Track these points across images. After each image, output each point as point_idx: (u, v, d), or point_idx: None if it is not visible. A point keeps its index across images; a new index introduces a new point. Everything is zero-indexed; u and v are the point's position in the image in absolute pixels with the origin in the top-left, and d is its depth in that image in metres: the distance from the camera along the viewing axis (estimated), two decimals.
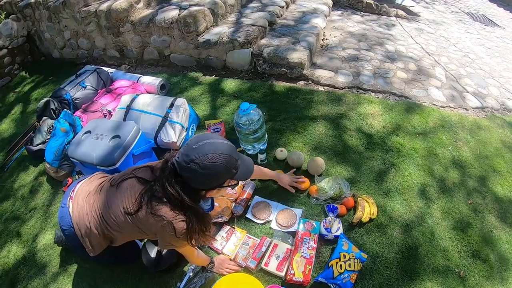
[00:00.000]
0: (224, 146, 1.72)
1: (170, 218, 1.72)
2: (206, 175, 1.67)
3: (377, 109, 3.45)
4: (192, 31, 4.26)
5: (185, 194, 1.70)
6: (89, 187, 2.09)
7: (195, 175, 1.66)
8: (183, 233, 1.75)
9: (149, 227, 1.81)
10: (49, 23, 5.54)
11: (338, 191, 2.59)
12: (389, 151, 3.02)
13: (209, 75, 4.32)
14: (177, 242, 1.83)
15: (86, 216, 1.96)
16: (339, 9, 6.26)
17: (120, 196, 1.86)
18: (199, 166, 1.63)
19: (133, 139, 2.82)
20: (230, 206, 2.62)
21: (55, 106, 3.88)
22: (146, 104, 3.31)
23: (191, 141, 1.71)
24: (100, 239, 1.98)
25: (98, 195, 1.98)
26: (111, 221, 1.88)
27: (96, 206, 1.94)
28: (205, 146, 1.67)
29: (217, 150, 1.67)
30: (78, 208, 2.00)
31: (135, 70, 4.94)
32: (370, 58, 4.39)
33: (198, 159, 1.63)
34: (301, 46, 4.07)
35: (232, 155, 1.74)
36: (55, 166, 3.29)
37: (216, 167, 1.67)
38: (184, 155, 1.66)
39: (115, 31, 4.88)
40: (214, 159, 1.65)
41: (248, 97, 3.77)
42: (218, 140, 1.74)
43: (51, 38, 5.79)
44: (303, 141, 3.15)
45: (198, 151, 1.65)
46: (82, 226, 1.96)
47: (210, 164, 1.64)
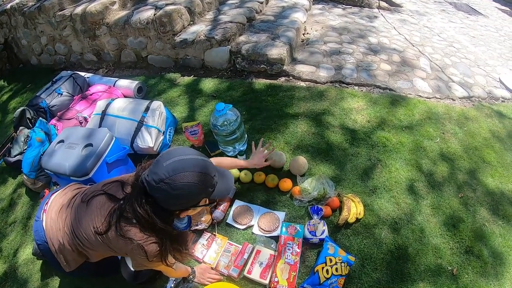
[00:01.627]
0: (198, 163, 1.56)
1: (140, 241, 1.58)
2: (178, 196, 1.50)
3: (361, 103, 3.36)
4: (168, 31, 4.17)
5: (156, 216, 1.55)
6: (62, 199, 1.96)
7: (166, 196, 1.50)
8: (155, 255, 1.62)
9: (120, 248, 1.67)
10: (25, 29, 5.46)
11: (322, 191, 2.48)
12: (375, 146, 2.93)
13: (187, 75, 4.22)
14: (150, 264, 1.70)
15: (59, 231, 1.83)
16: (320, 2, 6.19)
17: (90, 214, 1.72)
18: (170, 187, 1.46)
19: (106, 146, 2.70)
20: (209, 213, 2.51)
21: (31, 115, 3.77)
22: (121, 109, 3.20)
23: (162, 157, 1.54)
24: (75, 255, 1.86)
25: (70, 210, 1.85)
26: (82, 238, 1.75)
27: (68, 222, 1.81)
28: (176, 163, 1.50)
29: (189, 168, 1.50)
30: (51, 222, 1.88)
31: (113, 73, 4.84)
32: (353, 51, 4.31)
33: (169, 179, 1.46)
34: (280, 41, 3.98)
35: (207, 172, 1.57)
36: (32, 177, 3.20)
37: (189, 187, 1.50)
38: (153, 174, 1.49)
39: (91, 35, 4.79)
40: (187, 179, 1.48)
41: (227, 97, 3.67)
42: (191, 156, 1.56)
43: (28, 45, 5.71)
44: (284, 140, 3.04)
45: (168, 169, 1.48)
46: (55, 241, 1.85)
47: (182, 184, 1.47)
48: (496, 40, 6.27)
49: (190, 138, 3.04)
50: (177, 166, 1.49)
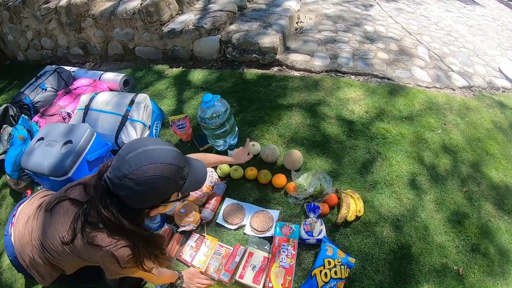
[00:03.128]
0: (165, 153, 1.39)
1: (108, 247, 1.41)
2: (145, 192, 1.34)
3: (358, 93, 3.22)
4: (156, 21, 4.02)
5: (124, 217, 1.38)
6: (28, 210, 1.78)
7: (132, 194, 1.33)
8: (128, 260, 1.45)
9: (89, 257, 1.49)
10: (11, 24, 5.34)
11: (319, 187, 2.33)
12: (374, 138, 2.80)
13: (176, 67, 4.09)
14: (125, 271, 1.53)
15: (27, 245, 1.66)
16: None
17: (55, 224, 1.54)
18: (135, 182, 1.30)
19: (86, 143, 2.57)
20: (198, 212, 2.35)
21: (14, 112, 3.66)
22: (105, 103, 3.07)
23: (123, 150, 1.36)
24: (48, 269, 1.69)
25: (36, 221, 1.67)
26: (51, 250, 1.57)
27: (35, 234, 1.64)
28: (140, 155, 1.33)
29: (155, 160, 1.33)
30: (19, 236, 1.72)
31: (100, 67, 4.72)
32: (348, 40, 4.17)
33: (132, 174, 1.29)
34: (273, 30, 3.84)
35: (175, 163, 1.39)
36: (15, 177, 3.07)
37: (156, 180, 1.33)
38: (115, 169, 1.33)
39: (77, 27, 4.65)
40: (153, 171, 1.32)
41: (217, 88, 3.53)
42: (156, 146, 1.39)
43: (14, 40, 5.58)
44: (277, 132, 2.90)
45: (131, 163, 1.31)
46: (25, 256, 1.68)
47: (148, 178, 1.31)
48: (494, 30, 6.17)
49: (178, 132, 2.90)
50: (141, 158, 1.32)
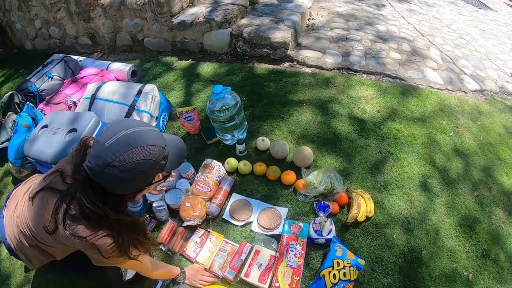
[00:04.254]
0: (146, 135, 1.31)
1: (89, 237, 1.35)
2: (130, 178, 1.28)
3: (370, 92, 3.16)
4: (166, 12, 3.97)
5: (108, 206, 1.33)
6: (19, 194, 1.74)
7: (116, 181, 1.27)
8: (111, 249, 1.39)
9: (74, 246, 1.45)
10: (19, 12, 5.30)
11: (329, 185, 2.26)
12: (386, 138, 2.74)
13: (185, 59, 4.05)
14: (109, 261, 1.47)
15: (16, 228, 1.63)
16: None
17: (37, 212, 1.49)
18: (119, 170, 1.24)
19: (91, 131, 2.55)
20: (204, 207, 2.30)
21: (19, 99, 3.64)
22: (112, 93, 3.04)
23: (101, 137, 1.28)
24: (36, 252, 1.65)
25: (21, 207, 1.64)
26: (37, 236, 1.53)
27: (22, 219, 1.60)
28: (121, 140, 1.26)
29: (137, 143, 1.27)
30: (9, 219, 1.68)
31: (107, 57, 4.69)
32: (361, 38, 4.12)
33: (116, 161, 1.23)
34: (285, 25, 3.78)
35: (158, 144, 1.33)
36: (18, 165, 3.05)
37: (141, 165, 1.27)
38: (95, 158, 1.26)
39: (86, 17, 4.62)
40: (137, 156, 1.25)
41: (227, 82, 3.48)
42: (136, 129, 1.32)
43: (22, 29, 5.56)
44: (288, 128, 2.85)
45: (113, 150, 1.24)
46: (13, 238, 1.65)
47: (133, 163, 1.25)
48: (506, 34, 6.10)
49: (185, 124, 2.86)
50: (122, 144, 1.25)
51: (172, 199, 2.35)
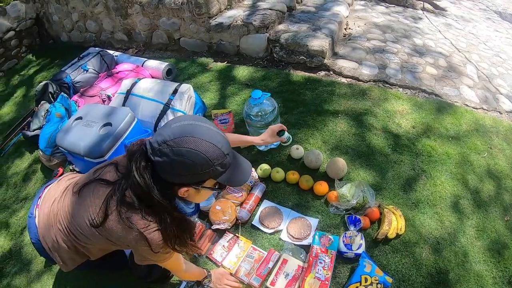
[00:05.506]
0: (213, 134, 1.31)
1: (141, 228, 1.37)
2: (179, 163, 1.26)
3: (405, 107, 3.12)
4: (204, 13, 3.99)
5: (154, 185, 1.32)
6: (55, 192, 1.75)
7: (165, 161, 1.26)
8: (160, 245, 1.41)
9: (120, 239, 1.45)
10: (57, 5, 5.41)
11: (362, 200, 2.24)
12: (419, 155, 2.69)
13: (221, 61, 4.07)
14: (155, 257, 1.49)
15: (52, 228, 1.63)
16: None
17: (84, 205, 1.50)
18: (172, 150, 1.24)
19: (126, 127, 2.56)
20: (234, 211, 2.30)
21: (53, 89, 3.73)
22: (147, 90, 3.06)
23: (172, 120, 1.32)
24: (72, 254, 1.66)
25: (62, 203, 1.64)
26: (78, 233, 1.54)
27: (60, 217, 1.61)
28: (186, 127, 1.28)
29: (199, 135, 1.27)
30: (44, 218, 1.69)
31: (142, 54, 4.74)
32: (397, 51, 4.07)
33: (173, 141, 1.24)
34: (322, 33, 3.76)
35: (219, 147, 1.30)
36: (48, 154, 3.13)
37: (194, 155, 1.25)
38: (158, 135, 1.28)
39: (123, 13, 4.69)
40: (193, 145, 1.24)
41: (262, 86, 3.47)
42: (207, 125, 1.33)
43: (59, 21, 5.66)
44: (322, 138, 2.83)
45: (175, 131, 1.26)
46: (48, 239, 1.66)
47: (186, 150, 1.24)
48: None
49: (219, 126, 2.85)
50: (185, 130, 1.27)
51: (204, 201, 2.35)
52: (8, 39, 5.49)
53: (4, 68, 5.56)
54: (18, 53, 5.75)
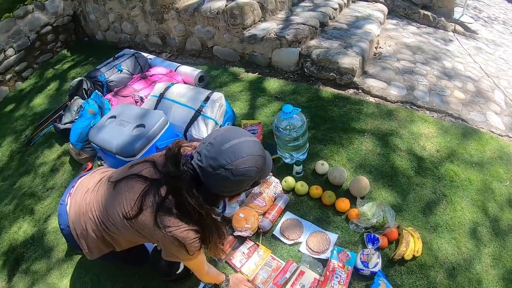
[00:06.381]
0: (256, 145, 1.46)
1: (174, 227, 1.48)
2: (239, 181, 1.42)
3: (431, 130, 3.13)
4: (238, 24, 4.08)
5: (207, 204, 1.46)
6: (88, 182, 1.86)
7: (225, 182, 1.40)
8: (194, 244, 1.52)
9: (151, 234, 1.55)
10: (95, 4, 5.57)
11: (382, 219, 2.28)
12: (442, 179, 2.70)
13: (252, 72, 4.13)
14: (182, 255, 1.58)
15: (83, 216, 1.73)
16: (394, 18, 5.91)
17: (118, 198, 1.61)
18: (232, 173, 1.37)
19: (158, 130, 2.65)
20: (256, 220, 2.37)
21: (87, 86, 3.85)
22: (180, 95, 3.15)
23: (216, 140, 1.41)
24: (99, 243, 1.76)
25: (95, 194, 1.75)
26: (109, 224, 1.64)
27: (93, 206, 1.71)
28: (235, 147, 1.39)
29: (250, 152, 1.40)
30: (75, 207, 1.78)
31: (175, 59, 4.83)
32: (426, 73, 4.08)
33: (231, 165, 1.36)
34: (353, 51, 3.81)
35: (262, 155, 1.47)
36: (78, 148, 3.24)
37: (250, 171, 1.41)
38: (210, 159, 1.38)
39: (159, 18, 4.80)
40: (249, 163, 1.39)
41: (292, 100, 3.53)
42: (247, 138, 1.45)
43: (95, 20, 5.82)
44: (347, 156, 2.87)
45: (230, 154, 1.37)
46: (77, 226, 1.75)
47: (245, 169, 1.38)
48: None
49: None
50: (237, 151, 1.38)
51: (228, 208, 2.43)
52: (45, 33, 5.68)
53: (39, 61, 5.75)
54: (53, 48, 5.93)
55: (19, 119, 4.58)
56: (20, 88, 5.40)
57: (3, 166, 3.91)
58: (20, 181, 3.55)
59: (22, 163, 3.80)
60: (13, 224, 3.09)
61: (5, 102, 5.21)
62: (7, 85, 5.37)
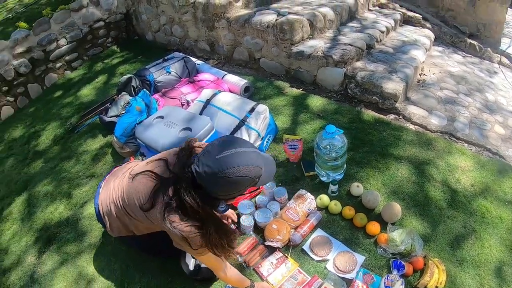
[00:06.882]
0: (251, 156, 1.60)
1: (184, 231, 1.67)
2: (229, 189, 1.60)
3: (468, 163, 3.13)
4: (287, 39, 4.17)
5: (205, 204, 1.65)
6: (118, 173, 2.16)
7: (217, 187, 1.59)
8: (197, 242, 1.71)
9: (161, 226, 1.77)
10: (148, 5, 5.73)
11: (410, 247, 2.31)
12: (473, 214, 2.71)
13: (296, 87, 4.19)
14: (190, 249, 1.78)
15: (109, 197, 2.01)
16: (440, 45, 5.88)
17: (135, 191, 1.84)
18: (224, 181, 1.54)
19: (204, 135, 2.76)
20: (288, 233, 2.45)
21: (136, 84, 3.99)
22: (226, 103, 3.26)
23: (213, 148, 1.59)
24: (119, 224, 2.04)
25: (120, 182, 2.00)
26: (129, 210, 1.90)
27: (117, 192, 1.97)
28: (229, 157, 1.54)
29: (244, 163, 1.55)
30: (105, 189, 2.10)
31: (222, 67, 4.93)
32: (468, 105, 4.07)
33: (223, 173, 1.52)
34: (397, 76, 3.85)
35: (258, 165, 1.61)
36: (122, 141, 3.36)
37: (243, 180, 1.57)
38: (205, 166, 1.55)
39: (210, 25, 4.92)
40: (240, 173, 1.54)
41: (333, 120, 3.58)
42: (244, 149, 1.60)
43: (147, 20, 5.99)
44: (382, 180, 2.91)
45: (223, 163, 1.52)
46: (104, 205, 2.07)
47: (235, 178, 1.54)
48: None
49: (288, 151, 3.02)
50: (229, 161, 1.53)
51: (262, 217, 2.54)
52: (97, 28, 5.91)
53: (89, 54, 5.98)
54: (104, 42, 6.16)
55: (65, 107, 4.79)
56: (69, 77, 5.63)
57: (46, 148, 4.10)
58: (61, 165, 3.71)
59: (65, 149, 3.97)
60: (49, 205, 3.24)
61: (53, 88, 5.45)
62: (56, 73, 5.62)
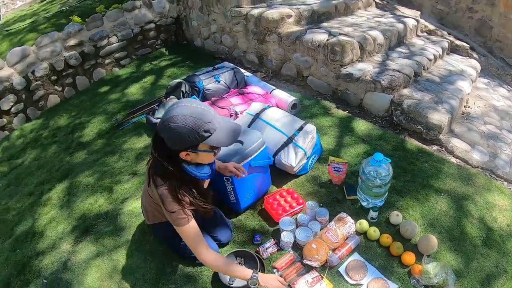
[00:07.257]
0: (194, 109, 1.80)
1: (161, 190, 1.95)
2: (172, 136, 1.79)
3: (505, 202, 3.13)
4: (337, 60, 4.25)
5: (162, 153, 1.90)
6: None
7: (166, 136, 1.81)
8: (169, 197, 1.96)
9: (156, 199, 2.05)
10: (199, 13, 5.91)
11: (442, 281, 2.36)
12: (506, 254, 2.71)
13: (342, 109, 4.25)
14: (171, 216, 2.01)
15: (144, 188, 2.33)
16: (486, 76, 5.83)
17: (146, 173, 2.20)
18: (165, 127, 1.77)
19: (255, 150, 2.79)
20: (326, 254, 2.54)
21: (185, 89, 4.11)
22: (275, 119, 3.32)
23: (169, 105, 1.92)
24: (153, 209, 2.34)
25: None
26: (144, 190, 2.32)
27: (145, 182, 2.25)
28: (175, 108, 1.79)
29: (183, 112, 1.77)
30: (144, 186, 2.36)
31: (269, 80, 5.00)
32: (511, 142, 4.06)
33: (166, 120, 1.77)
34: (443, 107, 3.88)
35: (198, 117, 1.78)
36: None
37: (179, 128, 1.75)
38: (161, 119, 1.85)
39: (260, 38, 5.03)
40: (177, 121, 1.75)
41: (377, 146, 3.63)
42: (191, 104, 1.83)
43: (197, 27, 6.19)
44: (421, 212, 2.95)
45: (168, 112, 1.79)
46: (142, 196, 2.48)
47: (173, 125, 1.75)
48: None
49: (332, 173, 3.09)
50: (174, 110, 1.78)
51: (303, 236, 2.63)
52: (148, 29, 6.21)
53: (138, 53, 6.28)
54: (153, 44, 6.44)
55: (112, 102, 5.00)
56: (117, 74, 5.89)
57: (90, 140, 4.31)
58: (104, 159, 3.88)
59: (109, 143, 4.15)
60: (90, 196, 3.38)
61: (100, 83, 5.72)
62: (105, 68, 5.94)
